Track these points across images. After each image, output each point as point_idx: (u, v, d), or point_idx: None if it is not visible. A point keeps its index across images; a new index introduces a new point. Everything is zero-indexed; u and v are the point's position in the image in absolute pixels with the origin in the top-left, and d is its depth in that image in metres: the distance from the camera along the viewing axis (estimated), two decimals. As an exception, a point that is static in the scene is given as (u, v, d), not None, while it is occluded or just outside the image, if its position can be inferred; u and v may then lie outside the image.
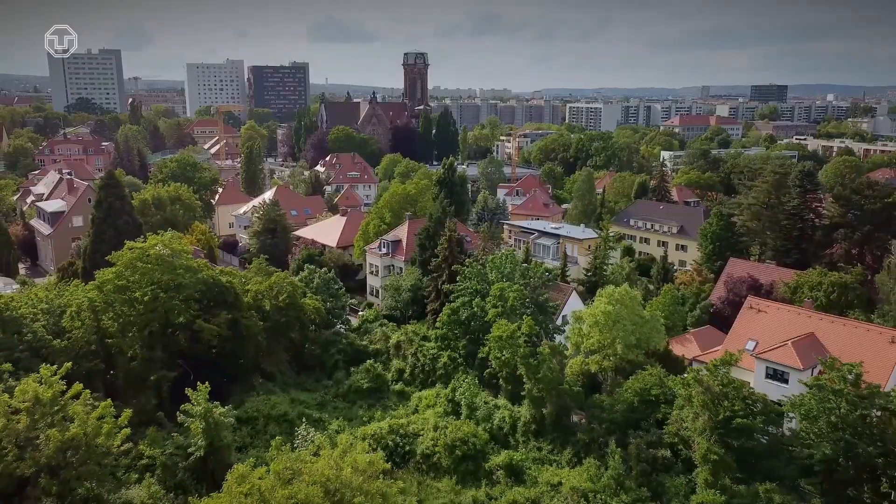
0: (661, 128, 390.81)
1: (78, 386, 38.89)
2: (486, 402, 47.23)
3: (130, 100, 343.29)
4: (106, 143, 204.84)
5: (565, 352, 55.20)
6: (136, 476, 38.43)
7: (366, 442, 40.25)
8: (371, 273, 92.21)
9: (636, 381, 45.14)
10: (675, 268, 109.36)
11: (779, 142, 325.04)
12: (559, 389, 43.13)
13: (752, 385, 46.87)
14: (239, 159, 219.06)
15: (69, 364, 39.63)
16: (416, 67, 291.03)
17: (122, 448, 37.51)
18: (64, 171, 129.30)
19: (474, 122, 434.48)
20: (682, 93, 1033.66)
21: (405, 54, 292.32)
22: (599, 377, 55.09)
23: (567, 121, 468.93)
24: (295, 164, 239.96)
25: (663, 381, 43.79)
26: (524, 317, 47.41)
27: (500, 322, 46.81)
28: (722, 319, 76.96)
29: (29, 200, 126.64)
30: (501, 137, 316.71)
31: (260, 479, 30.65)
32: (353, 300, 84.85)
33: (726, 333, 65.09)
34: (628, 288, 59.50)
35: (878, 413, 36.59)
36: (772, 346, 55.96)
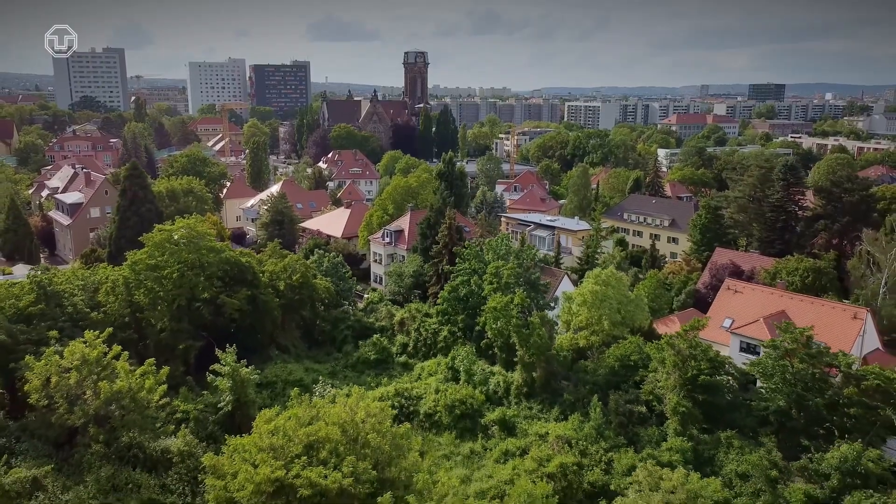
0: (659, 126, 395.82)
1: (117, 348, 43.84)
2: (482, 370, 52.14)
3: (135, 98, 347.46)
4: (114, 140, 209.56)
5: (556, 329, 60.23)
6: (172, 427, 43.37)
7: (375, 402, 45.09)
8: (375, 261, 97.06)
9: (617, 348, 50.07)
10: (665, 259, 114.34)
11: (774, 140, 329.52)
12: (548, 355, 48.04)
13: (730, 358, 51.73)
14: (242, 156, 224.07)
15: (110, 329, 44.64)
16: (416, 66, 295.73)
17: (160, 402, 42.48)
18: (77, 167, 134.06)
19: (473, 121, 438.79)
20: (681, 92, 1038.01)
21: (405, 53, 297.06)
22: (587, 352, 59.97)
23: (565, 119, 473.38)
24: (297, 161, 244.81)
25: (641, 349, 48.67)
26: (517, 290, 52.27)
27: (495, 296, 51.69)
28: (706, 304, 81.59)
29: (44, 194, 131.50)
30: (500, 135, 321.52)
31: (284, 421, 35.55)
32: (357, 287, 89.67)
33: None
34: (614, 270, 64.43)
35: (829, 371, 41.52)
36: (746, 322, 60.92)
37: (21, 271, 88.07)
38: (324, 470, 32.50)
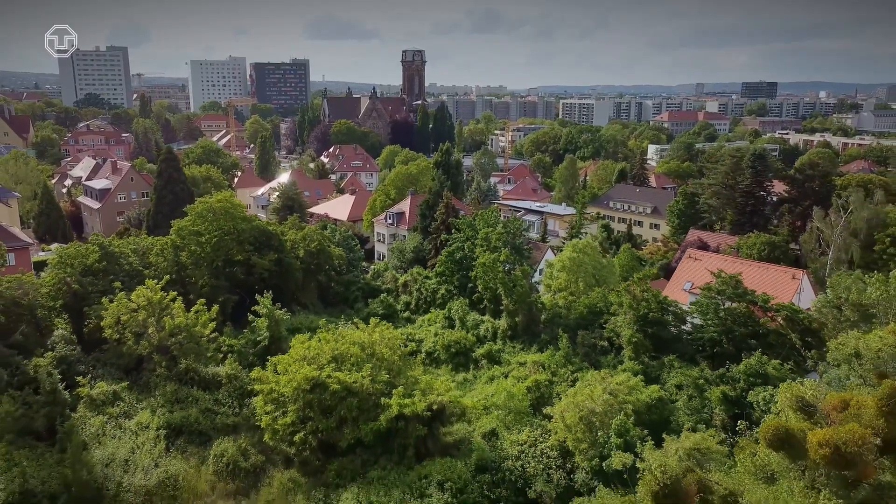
0: (651, 123, 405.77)
1: (173, 293, 53.40)
2: (474, 319, 61.73)
3: (140, 95, 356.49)
4: (125, 135, 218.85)
5: (539, 291, 69.91)
6: (221, 356, 52.92)
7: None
8: (378, 241, 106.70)
9: (586, 298, 59.76)
10: (647, 242, 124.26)
11: (762, 136, 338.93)
12: (528, 302, 57.65)
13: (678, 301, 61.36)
14: (247, 150, 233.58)
15: (167, 276, 54.28)
16: (413, 64, 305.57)
17: (210, 336, 52.06)
18: (98, 158, 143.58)
19: (469, 118, 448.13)
20: (677, 90, 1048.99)
21: (403, 51, 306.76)
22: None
23: (560, 117, 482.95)
24: (298, 156, 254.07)
25: (606, 298, 58.30)
26: (503, 250, 61.91)
27: (484, 254, 61.32)
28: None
29: (68, 183, 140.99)
30: (496, 131, 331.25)
31: (315, 342, 45.19)
32: (363, 264, 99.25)
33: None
34: (590, 240, 74.16)
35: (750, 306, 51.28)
36: (701, 284, 70.58)
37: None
38: (348, 373, 42.11)
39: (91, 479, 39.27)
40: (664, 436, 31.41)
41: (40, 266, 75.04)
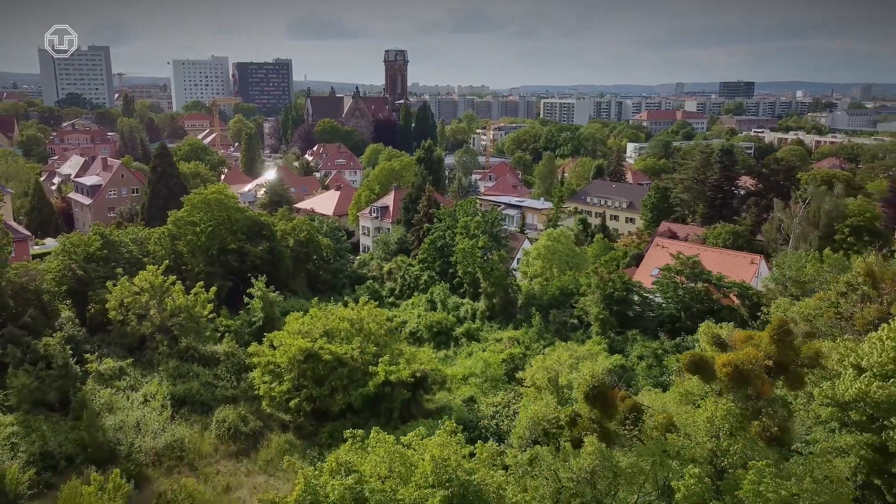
0: (630, 122, 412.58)
1: (173, 277, 57.18)
2: (454, 302, 66.05)
3: (123, 94, 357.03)
4: (111, 134, 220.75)
5: (516, 279, 74.33)
6: (219, 335, 56.78)
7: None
8: (363, 234, 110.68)
9: (558, 280, 64.26)
10: (622, 234, 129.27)
11: (739, 134, 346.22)
12: (504, 285, 62.05)
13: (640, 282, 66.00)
14: (231, 149, 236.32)
15: (167, 262, 58.08)
16: (396, 64, 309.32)
17: (209, 316, 55.91)
18: (87, 156, 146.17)
19: (452, 118, 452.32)
20: (658, 90, 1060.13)
21: (386, 51, 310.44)
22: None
23: (541, 116, 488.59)
24: (282, 156, 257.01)
25: (577, 280, 62.82)
26: (481, 237, 66.27)
27: (463, 240, 65.64)
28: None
29: (56, 181, 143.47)
30: (477, 130, 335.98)
31: (308, 319, 49.23)
32: (349, 256, 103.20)
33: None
34: (564, 230, 78.69)
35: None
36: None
37: (52, 243, 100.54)
38: (339, 345, 46.24)
39: (105, 441, 43.06)
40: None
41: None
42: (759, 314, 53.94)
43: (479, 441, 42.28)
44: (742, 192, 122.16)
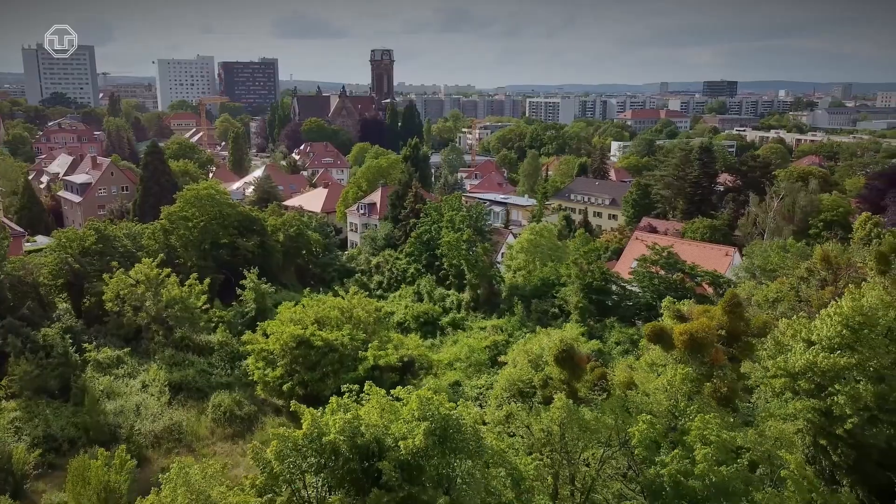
0: (615, 121, 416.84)
1: (167, 270, 59.01)
2: (440, 293, 68.36)
3: (109, 94, 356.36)
4: (98, 133, 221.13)
5: (501, 272, 76.72)
6: (213, 325, 58.75)
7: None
8: (351, 230, 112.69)
9: (540, 272, 66.73)
10: (604, 230, 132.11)
11: (721, 133, 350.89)
12: (488, 276, 64.43)
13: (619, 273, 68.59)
14: (218, 148, 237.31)
15: (162, 255, 59.95)
16: (382, 63, 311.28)
17: (203, 307, 57.85)
18: (74, 155, 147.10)
19: (438, 117, 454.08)
20: (643, 89, 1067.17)
21: (372, 51, 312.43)
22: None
23: (527, 114, 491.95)
24: (269, 155, 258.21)
25: (558, 272, 65.31)
26: (465, 230, 68.62)
27: (448, 233, 67.97)
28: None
29: (45, 179, 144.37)
30: (464, 129, 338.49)
31: (300, 308, 51.35)
32: (337, 251, 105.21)
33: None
34: (546, 224, 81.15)
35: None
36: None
37: (43, 241, 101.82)
38: (330, 332, 48.40)
39: (106, 424, 45.00)
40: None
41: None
42: (730, 302, 56.79)
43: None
44: (721, 188, 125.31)
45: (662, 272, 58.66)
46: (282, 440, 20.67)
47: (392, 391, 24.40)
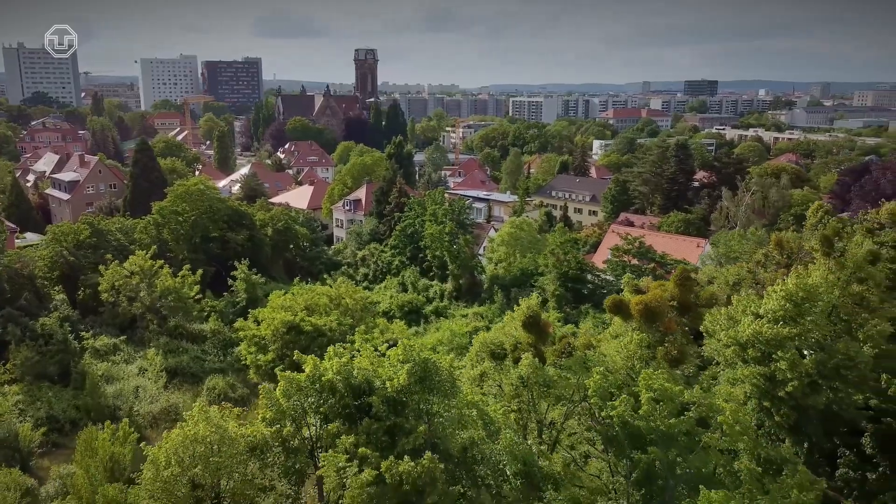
0: (597, 120, 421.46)
1: (161, 261, 61.34)
2: (424, 283, 71.14)
3: (93, 94, 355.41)
4: (82, 132, 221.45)
5: (483, 264, 79.64)
6: (205, 315, 61.11)
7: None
8: (337, 226, 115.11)
9: (520, 262, 69.70)
10: (584, 226, 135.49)
11: (701, 131, 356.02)
12: (470, 267, 67.27)
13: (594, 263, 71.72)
14: (203, 147, 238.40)
15: (154, 247, 62.23)
16: (366, 62, 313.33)
17: (196, 297, 60.20)
18: (60, 154, 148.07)
19: (422, 116, 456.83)
20: (625, 88, 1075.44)
21: (356, 50, 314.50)
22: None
23: (510, 114, 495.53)
24: (254, 154, 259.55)
25: (536, 262, 68.30)
26: (448, 223, 71.46)
27: (431, 226, 70.77)
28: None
29: (31, 178, 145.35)
30: (447, 128, 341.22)
31: (290, 296, 53.87)
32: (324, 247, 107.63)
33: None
34: (526, 217, 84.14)
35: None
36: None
37: (32, 238, 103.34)
38: (319, 318, 50.96)
39: (106, 405, 47.31)
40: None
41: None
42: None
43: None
44: (697, 184, 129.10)
45: (635, 261, 61.81)
46: (288, 381, 24.32)
47: (380, 347, 27.55)
